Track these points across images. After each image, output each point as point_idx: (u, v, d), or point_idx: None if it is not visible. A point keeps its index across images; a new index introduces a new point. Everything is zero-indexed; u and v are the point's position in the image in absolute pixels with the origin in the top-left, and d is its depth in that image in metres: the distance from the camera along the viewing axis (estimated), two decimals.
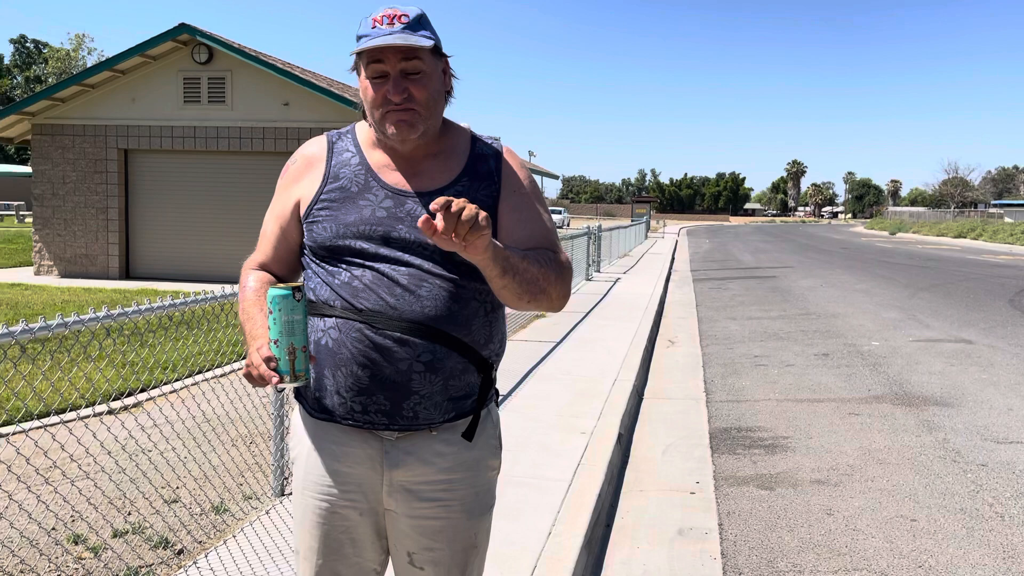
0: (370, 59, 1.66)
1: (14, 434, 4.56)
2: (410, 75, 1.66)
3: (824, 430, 5.90)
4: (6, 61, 70.29)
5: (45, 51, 69.17)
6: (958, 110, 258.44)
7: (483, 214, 1.46)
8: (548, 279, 1.68)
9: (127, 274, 15.24)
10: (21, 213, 34.31)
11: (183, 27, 13.99)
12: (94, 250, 15.14)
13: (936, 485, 4.74)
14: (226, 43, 14.14)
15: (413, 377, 1.67)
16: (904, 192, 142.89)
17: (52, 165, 15.16)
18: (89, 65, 55.57)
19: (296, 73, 14.10)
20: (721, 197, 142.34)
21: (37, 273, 15.16)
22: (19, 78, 68.79)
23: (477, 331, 1.73)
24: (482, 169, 1.77)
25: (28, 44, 70.92)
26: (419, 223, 1.43)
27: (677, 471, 4.97)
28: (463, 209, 1.43)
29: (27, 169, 42.50)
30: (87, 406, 5.34)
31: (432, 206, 1.42)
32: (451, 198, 1.43)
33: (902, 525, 4.14)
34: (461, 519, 1.76)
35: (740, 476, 4.91)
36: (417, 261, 1.68)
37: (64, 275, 15.11)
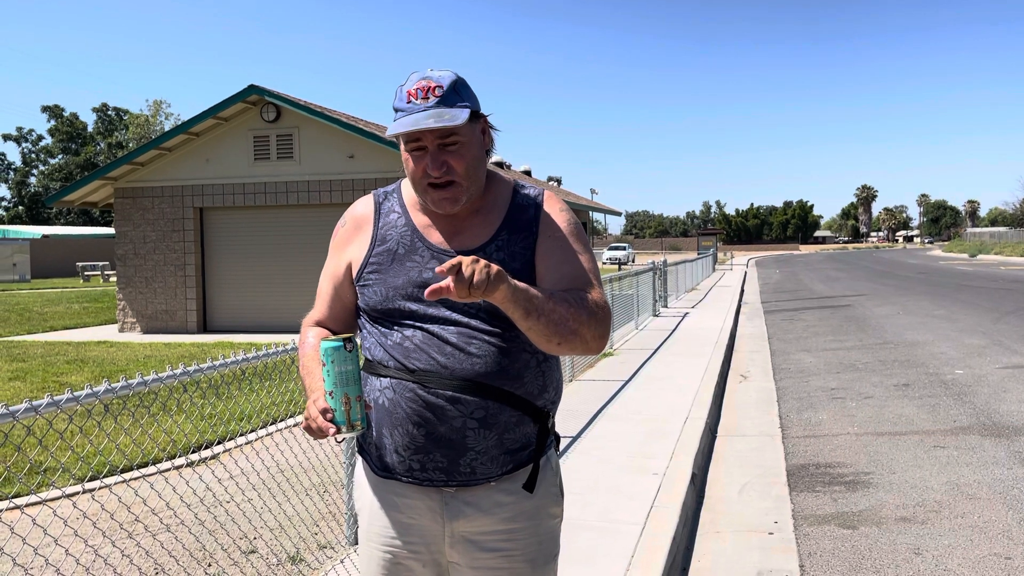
0: (408, 136, 1.67)
1: (99, 489, 4.72)
2: (448, 148, 1.67)
3: (908, 464, 5.68)
4: (89, 129, 74.07)
5: (125, 118, 72.68)
6: None
7: (495, 269, 1.48)
8: (579, 319, 1.65)
9: (205, 328, 15.73)
10: (106, 273, 35.86)
11: (252, 88, 14.57)
12: (173, 306, 15.69)
13: None
14: (293, 101, 14.66)
15: (468, 434, 1.68)
16: (983, 212, 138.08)
17: (133, 226, 15.85)
18: (166, 129, 58.11)
19: (360, 126, 14.49)
20: (789, 226, 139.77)
21: (121, 330, 15.77)
22: (102, 144, 72.32)
23: (530, 382, 1.74)
24: (522, 219, 1.78)
25: (110, 112, 74.67)
26: (426, 295, 1.47)
27: (754, 511, 4.84)
28: (473, 274, 1.45)
29: (110, 231, 44.50)
30: (167, 460, 5.50)
31: (438, 269, 1.45)
32: (460, 260, 1.46)
33: (996, 564, 3.94)
34: (524, 569, 1.76)
35: (820, 515, 4.75)
36: (465, 319, 1.69)
37: (146, 331, 15.68)
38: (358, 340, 1.68)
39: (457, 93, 1.68)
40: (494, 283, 1.48)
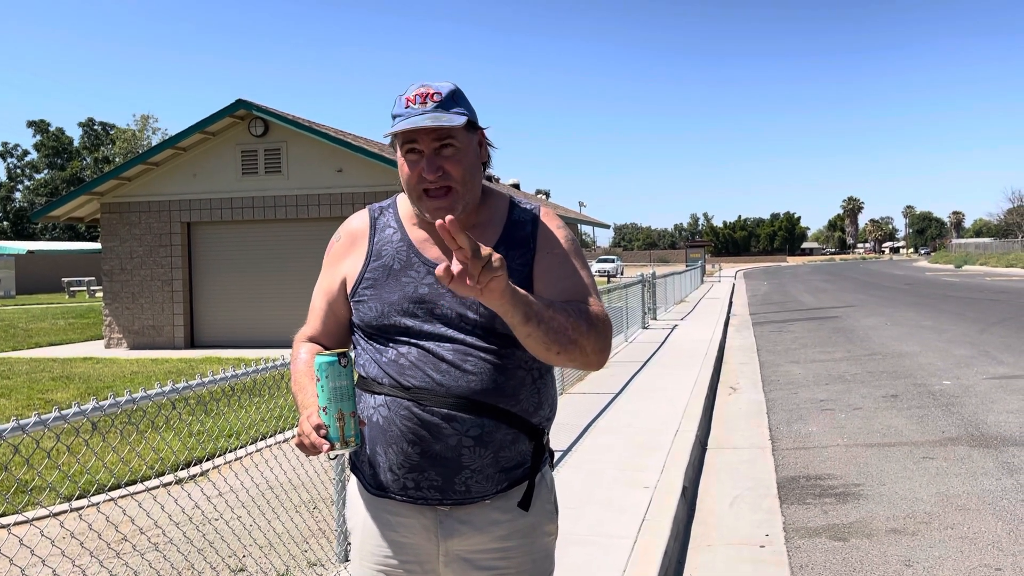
0: (404, 140, 1.67)
1: (86, 508, 4.67)
2: (444, 153, 1.67)
3: (897, 476, 5.69)
4: (75, 144, 73.69)
5: (112, 132, 72.28)
6: (1019, 136, 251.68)
7: (496, 255, 1.44)
8: (578, 330, 1.62)
9: (192, 343, 15.64)
10: (92, 288, 35.61)
11: (240, 103, 14.56)
12: (160, 321, 15.60)
13: (1021, 531, 4.51)
14: (280, 115, 14.66)
15: (463, 452, 1.67)
16: (968, 223, 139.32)
17: (120, 241, 15.77)
18: (153, 144, 57.82)
19: (348, 140, 14.50)
20: (776, 238, 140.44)
21: (108, 346, 15.66)
22: (88, 159, 71.89)
23: (525, 400, 1.73)
24: (519, 235, 1.77)
25: (96, 127, 74.23)
26: (436, 272, 1.40)
27: (745, 523, 4.84)
28: (490, 255, 1.41)
29: (96, 246, 44.21)
30: (155, 477, 5.45)
31: (456, 248, 1.38)
32: (478, 244, 1.42)
33: (987, 575, 3.95)
34: None
35: (811, 527, 4.75)
36: (461, 336, 1.68)
37: (133, 347, 15.57)
38: (352, 355, 1.67)
39: (455, 101, 1.69)
40: (495, 267, 1.42)
